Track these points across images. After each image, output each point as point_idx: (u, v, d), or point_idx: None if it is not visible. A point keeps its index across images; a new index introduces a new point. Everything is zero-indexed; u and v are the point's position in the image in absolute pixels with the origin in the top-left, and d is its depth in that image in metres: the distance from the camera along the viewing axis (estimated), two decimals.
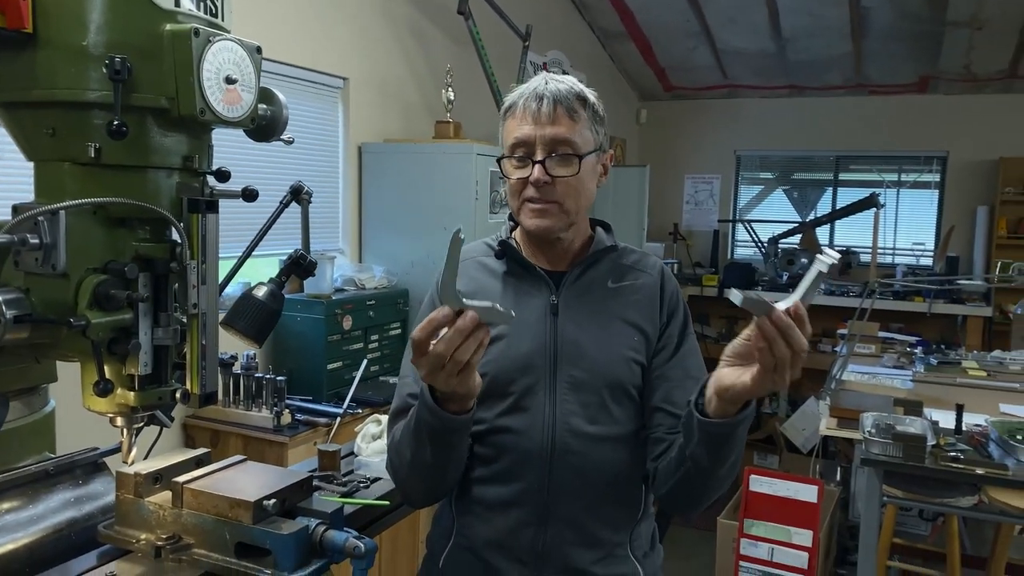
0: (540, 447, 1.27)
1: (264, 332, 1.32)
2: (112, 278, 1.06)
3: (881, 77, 6.42)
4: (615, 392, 1.30)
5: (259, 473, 1.24)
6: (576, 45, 5.78)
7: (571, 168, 1.27)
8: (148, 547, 1.12)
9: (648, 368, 1.33)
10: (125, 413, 1.14)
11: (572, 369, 1.29)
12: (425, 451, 1.21)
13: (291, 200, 1.42)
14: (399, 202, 3.46)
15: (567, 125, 1.26)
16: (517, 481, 1.29)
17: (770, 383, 1.04)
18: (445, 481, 1.30)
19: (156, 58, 1.03)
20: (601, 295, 1.35)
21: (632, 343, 1.32)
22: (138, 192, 1.06)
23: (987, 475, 2.34)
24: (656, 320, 1.35)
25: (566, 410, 1.28)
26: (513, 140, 1.28)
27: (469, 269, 1.39)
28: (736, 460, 1.22)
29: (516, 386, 1.29)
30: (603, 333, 1.32)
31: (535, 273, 1.34)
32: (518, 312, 1.32)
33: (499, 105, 4.29)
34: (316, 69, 3.28)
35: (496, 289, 1.35)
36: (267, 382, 2.58)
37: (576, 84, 1.30)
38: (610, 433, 1.29)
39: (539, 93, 1.26)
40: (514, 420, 1.29)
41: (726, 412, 1.12)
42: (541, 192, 1.27)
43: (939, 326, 6.02)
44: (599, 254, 1.37)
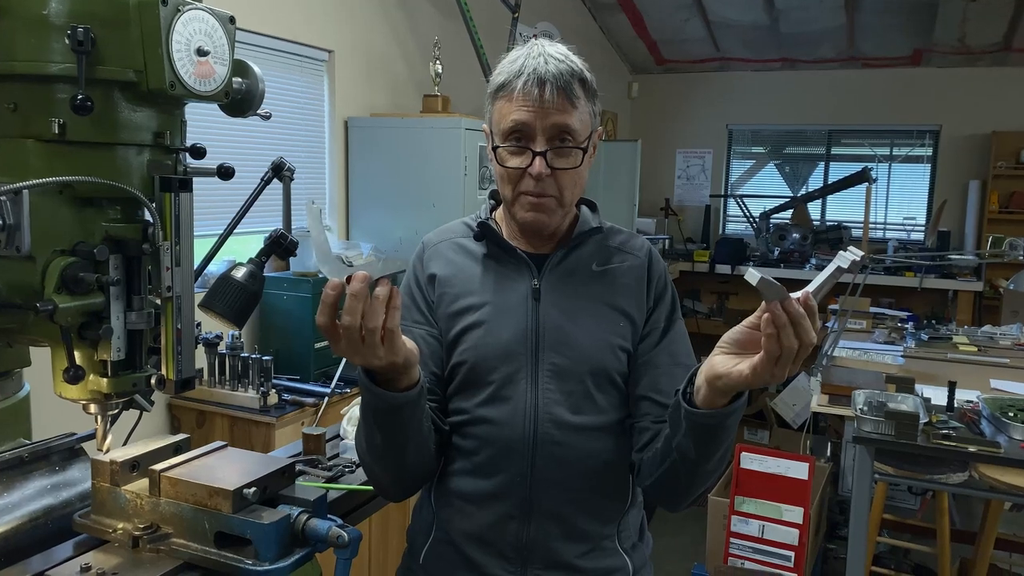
0: (522, 438, 1.23)
1: (244, 314, 1.28)
2: (81, 260, 1.01)
3: (874, 50, 6.37)
4: (599, 380, 1.25)
5: (240, 460, 1.20)
6: (566, 16, 5.70)
7: (572, 160, 1.21)
8: (125, 537, 1.09)
9: (634, 355, 1.28)
10: (98, 400, 1.10)
11: (555, 356, 1.25)
12: (375, 435, 1.16)
13: (272, 177, 1.38)
14: (386, 178, 3.41)
15: (568, 111, 1.19)
16: (499, 473, 1.24)
17: (770, 374, 0.98)
18: (407, 468, 1.23)
19: (122, 28, 0.98)
20: (585, 279, 1.29)
21: (617, 329, 1.27)
22: (107, 170, 1.01)
23: (979, 453, 2.33)
24: (643, 305, 1.30)
25: (548, 399, 1.24)
26: (510, 125, 1.20)
27: (446, 251, 1.34)
28: (725, 454, 1.17)
29: (496, 375, 1.24)
30: (587, 319, 1.27)
31: (516, 256, 1.29)
32: (499, 297, 1.28)
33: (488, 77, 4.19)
34: (300, 42, 3.21)
35: (475, 273, 1.30)
36: (253, 362, 2.54)
37: (573, 61, 1.22)
38: (594, 423, 1.25)
39: (541, 76, 1.17)
40: (494, 410, 1.24)
41: (715, 402, 1.07)
42: (540, 185, 1.20)
43: (930, 301, 6.04)
44: (583, 236, 1.31)
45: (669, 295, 1.33)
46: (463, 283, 1.30)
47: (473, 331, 1.26)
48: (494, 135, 1.25)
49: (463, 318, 1.27)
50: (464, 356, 1.25)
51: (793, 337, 0.95)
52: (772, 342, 0.95)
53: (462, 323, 1.27)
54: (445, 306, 1.29)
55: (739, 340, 1.02)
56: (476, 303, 1.28)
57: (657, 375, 1.26)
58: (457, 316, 1.28)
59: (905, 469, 2.69)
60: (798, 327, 0.94)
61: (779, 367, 0.97)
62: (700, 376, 1.08)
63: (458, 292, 1.29)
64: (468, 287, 1.29)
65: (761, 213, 6.63)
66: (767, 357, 0.97)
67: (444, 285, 1.30)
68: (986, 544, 2.92)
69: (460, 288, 1.29)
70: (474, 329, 1.26)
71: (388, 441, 1.16)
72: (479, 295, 1.28)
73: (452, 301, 1.29)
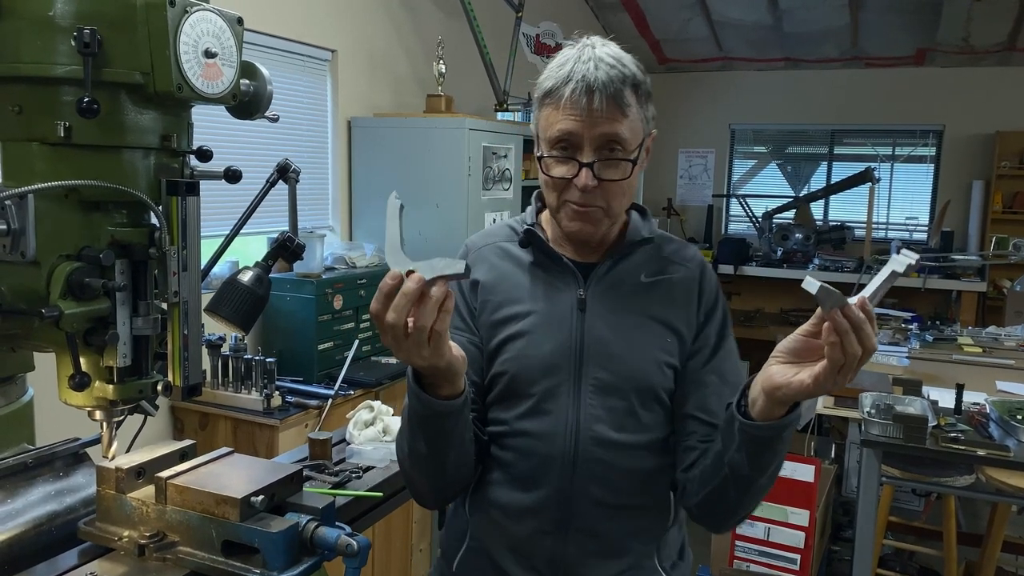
0: (562, 453, 1.19)
1: (250, 318, 1.27)
2: (86, 265, 1.00)
3: (877, 49, 6.35)
4: (644, 397, 1.21)
5: (247, 467, 1.19)
6: (569, 16, 5.68)
7: (621, 170, 1.16)
8: (131, 545, 1.07)
9: (681, 372, 1.23)
10: (104, 407, 1.09)
11: (598, 371, 1.20)
12: (418, 441, 1.14)
13: (278, 178, 1.37)
14: (390, 178, 3.39)
15: (619, 120, 1.13)
16: (536, 488, 1.20)
17: (832, 383, 0.96)
18: (447, 477, 1.21)
19: (129, 30, 0.96)
20: (633, 290, 1.24)
21: (664, 344, 1.22)
22: (113, 174, 0.99)
23: (989, 456, 2.32)
24: (692, 319, 1.25)
25: (591, 415, 1.19)
26: (556, 134, 1.15)
27: (490, 255, 1.29)
28: (776, 470, 1.14)
29: (537, 387, 1.20)
30: (633, 332, 1.22)
31: (562, 264, 1.24)
32: (543, 307, 1.23)
33: (492, 77, 4.13)
34: (303, 41, 3.19)
35: (519, 280, 1.26)
36: (256, 364, 2.53)
37: (626, 65, 1.15)
38: (638, 440, 1.21)
39: (590, 84, 1.11)
40: (534, 423, 1.20)
41: (772, 414, 1.04)
42: (586, 196, 1.16)
43: (933, 301, 6.02)
44: (633, 245, 1.26)
45: (720, 311, 1.28)
46: (506, 291, 1.26)
47: (515, 341, 1.22)
48: (540, 142, 1.20)
49: (505, 327, 1.23)
50: (505, 367, 1.22)
51: (856, 344, 0.93)
52: (836, 350, 0.93)
53: (504, 333, 1.23)
54: (487, 314, 1.25)
55: (795, 349, 1.00)
56: (519, 312, 1.24)
57: (705, 394, 1.22)
58: (499, 325, 1.24)
59: (912, 472, 2.68)
60: (860, 333, 0.93)
61: (842, 375, 0.95)
62: (755, 387, 1.05)
63: (501, 300, 1.25)
64: (511, 295, 1.25)
65: (763, 213, 6.61)
66: (831, 365, 0.95)
67: (487, 292, 1.26)
68: (993, 547, 2.90)
69: (503, 296, 1.25)
70: (516, 340, 1.22)
71: (430, 448, 1.14)
72: (522, 304, 1.24)
73: (495, 309, 1.25)
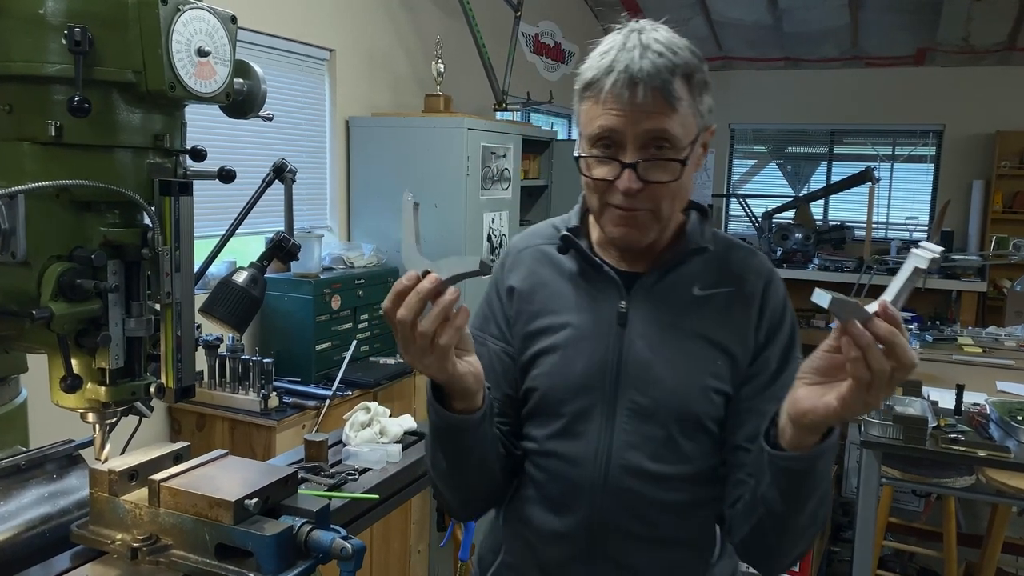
0: (591, 481, 1.10)
1: (245, 319, 1.26)
2: (78, 266, 0.99)
3: (877, 49, 6.34)
4: (687, 426, 1.09)
5: (241, 469, 1.18)
6: (569, 16, 5.67)
7: (670, 172, 1.03)
8: (124, 548, 1.06)
9: (734, 398, 1.10)
10: (96, 409, 1.08)
11: (636, 394, 1.09)
12: (438, 455, 1.09)
13: (274, 178, 1.36)
14: (388, 178, 3.38)
15: (666, 115, 1.00)
16: (566, 512, 1.12)
17: (862, 404, 0.84)
18: (470, 492, 1.15)
19: (121, 28, 0.95)
20: (682, 305, 1.11)
21: (714, 368, 1.09)
22: (104, 173, 0.99)
23: (989, 458, 2.31)
24: (749, 340, 1.11)
25: (624, 442, 1.09)
26: (596, 130, 1.03)
27: (529, 260, 1.20)
28: (820, 506, 1.01)
29: (568, 407, 1.11)
30: (679, 353, 1.10)
31: (603, 273, 1.13)
32: (580, 319, 1.12)
33: (491, 77, 4.11)
34: (301, 41, 3.18)
35: (557, 289, 1.16)
36: (254, 364, 2.51)
37: (676, 51, 1.02)
38: (677, 472, 1.09)
39: (633, 75, 0.99)
40: (564, 445, 1.11)
41: (804, 442, 0.93)
42: (631, 199, 1.03)
43: (933, 301, 6.01)
44: (687, 254, 1.13)
45: (786, 330, 1.13)
46: (543, 300, 1.16)
47: (547, 356, 1.13)
48: (580, 139, 1.09)
49: (538, 340, 1.15)
50: (536, 383, 1.13)
51: (883, 358, 0.81)
52: (859, 367, 0.82)
53: (537, 345, 1.15)
54: (522, 324, 1.17)
55: (821, 367, 0.89)
56: (554, 324, 1.14)
57: (760, 425, 1.05)
58: (533, 337, 1.15)
59: (912, 473, 2.67)
60: (887, 345, 0.81)
61: (872, 394, 0.83)
62: (783, 414, 0.94)
63: (537, 310, 1.16)
64: (548, 305, 1.16)
65: (763, 213, 6.60)
66: (856, 384, 0.83)
67: (522, 301, 1.18)
68: (993, 548, 2.89)
69: (539, 306, 1.16)
70: (549, 354, 1.13)
71: (449, 463, 1.10)
72: (559, 315, 1.14)
73: (529, 320, 1.16)
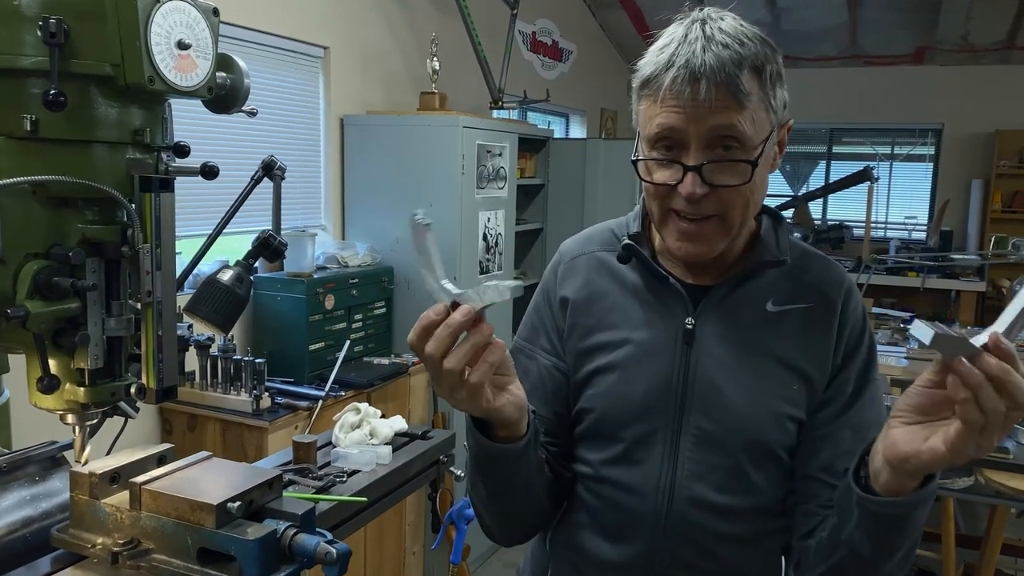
0: (653, 512, 1.02)
1: (231, 319, 1.23)
2: (55, 264, 0.96)
3: (876, 48, 6.33)
4: (757, 455, 1.01)
5: (225, 471, 1.15)
6: (566, 13, 5.65)
7: (739, 175, 0.94)
8: (104, 552, 1.04)
9: (808, 424, 1.02)
10: (76, 410, 1.06)
11: (703, 420, 1.01)
12: (478, 483, 1.03)
13: (263, 176, 1.34)
14: (383, 176, 3.36)
15: (734, 111, 0.91)
16: (623, 543, 1.04)
17: (974, 447, 0.76)
18: (513, 518, 1.09)
19: (98, 20, 0.93)
20: (755, 322, 1.03)
21: (789, 393, 1.01)
22: (83, 169, 0.96)
23: (988, 459, 2.29)
24: (827, 362, 1.02)
25: (689, 472, 1.01)
26: (656, 130, 0.95)
27: (585, 268, 1.11)
28: (910, 551, 0.93)
29: (628, 432, 1.03)
30: (751, 376, 1.01)
31: (668, 285, 1.05)
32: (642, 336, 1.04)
33: (487, 75, 4.09)
34: (295, 38, 3.15)
35: (616, 301, 1.07)
36: (246, 364, 2.49)
37: (745, 42, 0.93)
38: (746, 505, 1.01)
39: (695, 69, 0.90)
40: (622, 473, 1.04)
41: (903, 487, 0.85)
42: (695, 206, 0.95)
43: (932, 301, 6.00)
44: (761, 266, 1.04)
45: (865, 349, 1.04)
46: (600, 313, 1.08)
47: (605, 375, 1.05)
48: (639, 141, 1.00)
49: (595, 357, 1.06)
50: (592, 403, 1.06)
51: (996, 398, 0.73)
52: (970, 409, 0.74)
53: (594, 363, 1.06)
54: (576, 339, 1.08)
55: (921, 405, 0.81)
56: (613, 340, 1.06)
57: (836, 454, 1.00)
58: (589, 354, 1.07)
59: None
60: (998, 384, 0.73)
61: (985, 436, 0.75)
62: (877, 457, 0.86)
63: (593, 324, 1.08)
64: (605, 319, 1.07)
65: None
66: (967, 427, 0.75)
67: (577, 314, 1.09)
68: (992, 549, 2.87)
69: (596, 319, 1.08)
70: (606, 373, 1.05)
71: (490, 490, 1.03)
72: (618, 331, 1.06)
73: (584, 335, 1.08)
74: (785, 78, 0.99)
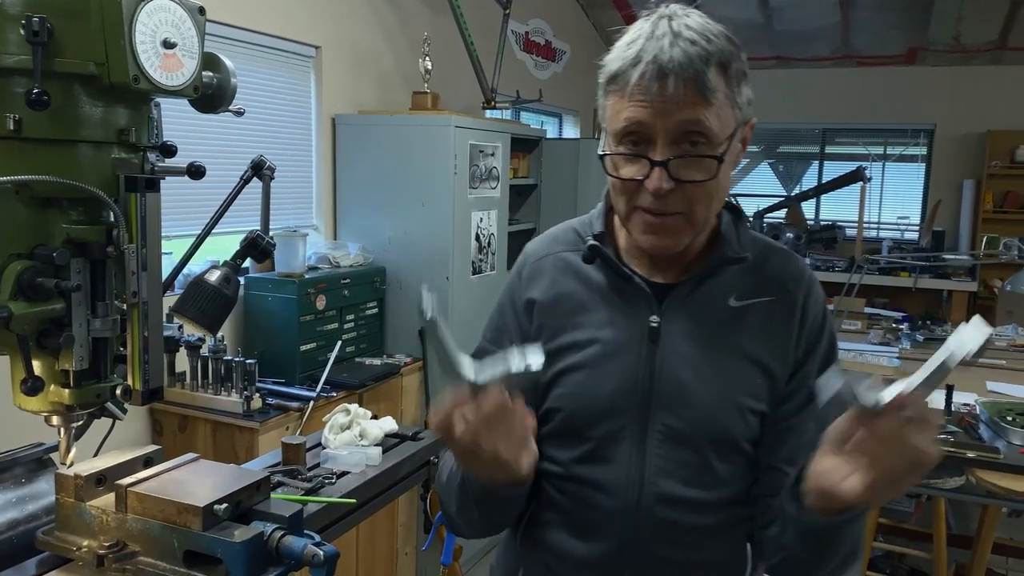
0: (623, 509, 1.04)
1: (218, 319, 1.23)
2: (39, 264, 0.96)
3: (868, 48, 6.34)
4: (723, 449, 1.03)
5: (212, 473, 1.15)
6: (559, 13, 5.64)
7: (705, 170, 0.95)
8: (90, 555, 1.03)
9: (771, 417, 1.05)
10: (60, 412, 1.05)
11: (669, 416, 1.03)
12: (471, 511, 1.07)
13: (252, 175, 1.33)
14: (375, 176, 3.35)
15: (700, 107, 0.92)
16: (594, 540, 1.06)
17: (893, 491, 0.82)
18: (494, 530, 1.14)
19: (82, 18, 0.92)
20: (718, 318, 1.05)
21: (752, 388, 1.03)
22: (67, 169, 0.95)
23: (979, 459, 2.29)
24: (788, 354, 1.04)
25: (657, 468, 1.03)
26: (623, 124, 0.96)
27: (550, 269, 1.12)
28: (849, 556, 0.98)
29: (596, 431, 1.05)
30: (716, 372, 1.03)
31: (633, 284, 1.06)
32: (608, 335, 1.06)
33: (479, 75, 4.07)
34: (286, 37, 3.14)
35: (582, 301, 1.09)
36: (236, 365, 2.48)
37: (711, 39, 0.94)
38: (712, 498, 1.03)
39: (662, 65, 0.91)
40: (592, 471, 1.05)
41: (832, 508, 0.89)
42: (662, 202, 0.96)
43: (924, 301, 6.02)
44: (723, 263, 1.05)
45: (825, 341, 1.07)
46: (566, 314, 1.09)
47: (572, 374, 1.06)
48: (606, 136, 1.02)
49: (563, 357, 1.08)
50: (560, 403, 1.07)
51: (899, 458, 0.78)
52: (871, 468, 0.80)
53: (561, 363, 1.08)
54: (544, 341, 1.08)
55: (843, 440, 0.84)
56: (580, 340, 1.07)
57: (799, 446, 1.01)
58: (556, 354, 1.08)
59: None
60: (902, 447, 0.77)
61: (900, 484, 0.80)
62: (809, 479, 0.90)
63: (560, 325, 1.09)
64: (571, 320, 1.09)
65: (755, 212, 6.56)
66: (879, 476, 0.80)
67: (544, 314, 1.11)
68: (983, 549, 2.88)
69: (562, 320, 1.09)
70: (574, 372, 1.06)
71: (485, 519, 1.09)
72: (584, 330, 1.07)
73: (552, 336, 1.09)
74: (749, 77, 1.00)
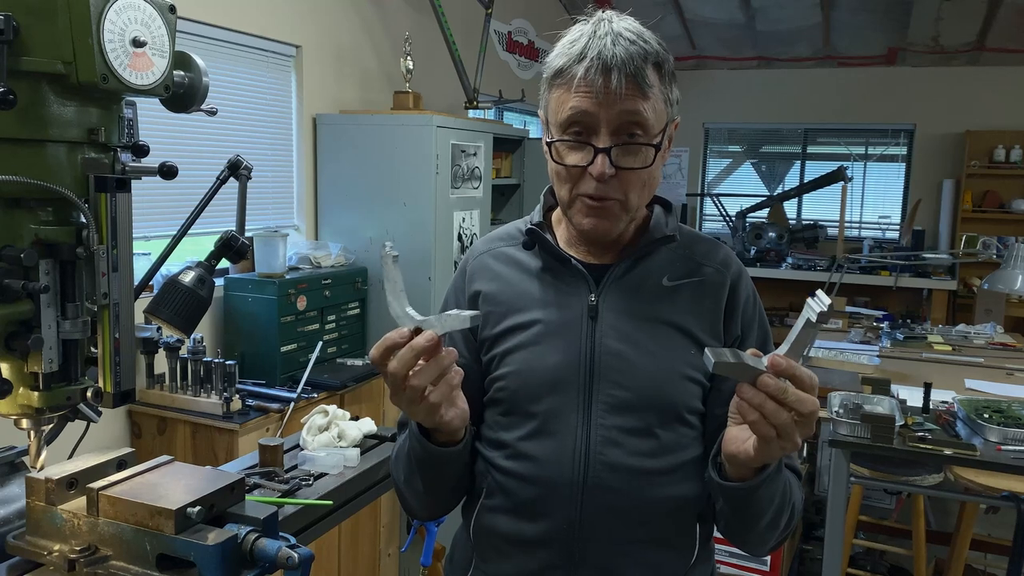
0: (570, 481, 1.07)
1: (192, 321, 1.22)
2: (6, 266, 0.94)
3: (849, 49, 6.38)
4: (666, 417, 1.08)
5: (186, 475, 1.14)
6: (541, 14, 5.64)
7: (642, 158, 1.04)
8: (61, 560, 1.02)
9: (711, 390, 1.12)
10: (30, 415, 1.03)
11: (612, 388, 1.08)
12: (416, 479, 1.11)
13: (228, 175, 1.32)
14: (356, 176, 3.33)
15: (640, 99, 1.01)
16: (542, 518, 1.09)
17: (778, 450, 0.90)
18: (442, 504, 1.18)
19: (49, 16, 0.91)
20: (653, 296, 1.11)
21: (689, 358, 1.09)
22: (35, 169, 0.94)
23: (955, 456, 2.31)
24: (718, 329, 1.12)
25: (602, 438, 1.07)
26: (569, 113, 1.03)
27: (492, 263, 1.19)
28: (779, 515, 1.06)
29: (541, 405, 1.09)
30: (653, 343, 1.09)
31: (571, 267, 1.13)
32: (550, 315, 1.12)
33: (461, 74, 4.06)
34: (267, 36, 3.12)
35: (524, 287, 1.15)
36: (216, 366, 2.46)
37: (647, 40, 1.03)
38: (657, 466, 1.07)
39: (606, 61, 0.99)
40: (538, 447, 1.09)
41: (744, 474, 0.98)
42: (602, 187, 1.04)
43: (905, 299, 6.06)
44: (654, 244, 1.13)
45: (758, 322, 1.15)
46: (510, 300, 1.15)
47: (516, 353, 1.11)
48: (550, 127, 1.08)
49: (507, 339, 1.13)
50: (505, 382, 1.11)
51: (782, 412, 0.86)
52: (761, 425, 0.87)
53: (505, 344, 1.13)
54: (491, 327, 1.15)
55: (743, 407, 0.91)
56: (523, 322, 1.12)
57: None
58: (501, 337, 1.13)
59: (881, 471, 2.67)
60: (781, 400, 0.85)
61: (782, 443, 0.88)
62: (723, 448, 0.99)
63: (504, 311, 1.14)
64: (515, 304, 1.14)
65: (737, 212, 6.62)
66: (763, 439, 0.88)
67: (490, 303, 1.16)
68: (961, 545, 2.91)
69: (506, 306, 1.14)
70: (518, 351, 1.11)
71: (427, 486, 1.12)
72: (527, 313, 1.13)
73: (498, 321, 1.14)
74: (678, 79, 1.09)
